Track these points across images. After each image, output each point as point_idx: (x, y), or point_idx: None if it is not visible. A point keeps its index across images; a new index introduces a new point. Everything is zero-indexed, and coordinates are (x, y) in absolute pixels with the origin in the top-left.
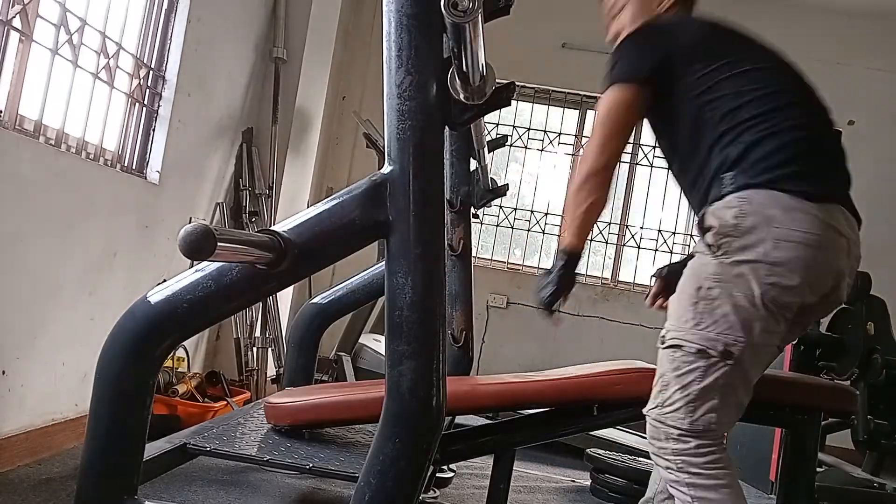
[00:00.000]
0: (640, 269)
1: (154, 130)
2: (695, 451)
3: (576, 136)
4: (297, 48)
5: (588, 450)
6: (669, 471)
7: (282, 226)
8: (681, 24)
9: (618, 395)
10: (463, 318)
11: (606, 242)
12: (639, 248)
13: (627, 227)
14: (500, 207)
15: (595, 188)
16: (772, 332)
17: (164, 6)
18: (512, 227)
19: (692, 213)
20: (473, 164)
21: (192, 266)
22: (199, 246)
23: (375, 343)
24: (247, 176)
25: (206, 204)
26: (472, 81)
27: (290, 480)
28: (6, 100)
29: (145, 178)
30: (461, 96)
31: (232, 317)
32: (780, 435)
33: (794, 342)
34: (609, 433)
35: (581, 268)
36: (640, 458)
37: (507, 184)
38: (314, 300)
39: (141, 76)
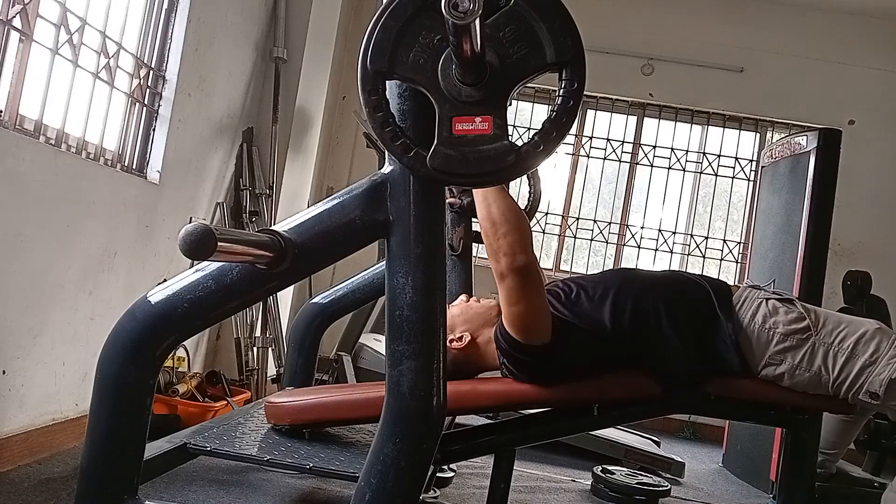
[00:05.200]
0: (640, 268)
1: (154, 130)
2: None
3: (576, 135)
4: (297, 48)
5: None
6: None
7: (282, 226)
8: None
9: (618, 395)
10: None
11: (607, 242)
12: (639, 247)
13: (628, 226)
14: None
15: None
16: None
17: (165, 6)
18: None
19: (692, 213)
20: None
21: (192, 266)
22: (199, 246)
23: (376, 343)
24: (247, 176)
25: (207, 203)
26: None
27: (290, 480)
28: (6, 99)
29: (145, 178)
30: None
31: (232, 316)
32: (780, 435)
33: None
34: (609, 433)
35: (582, 268)
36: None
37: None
38: (314, 300)
39: (141, 76)
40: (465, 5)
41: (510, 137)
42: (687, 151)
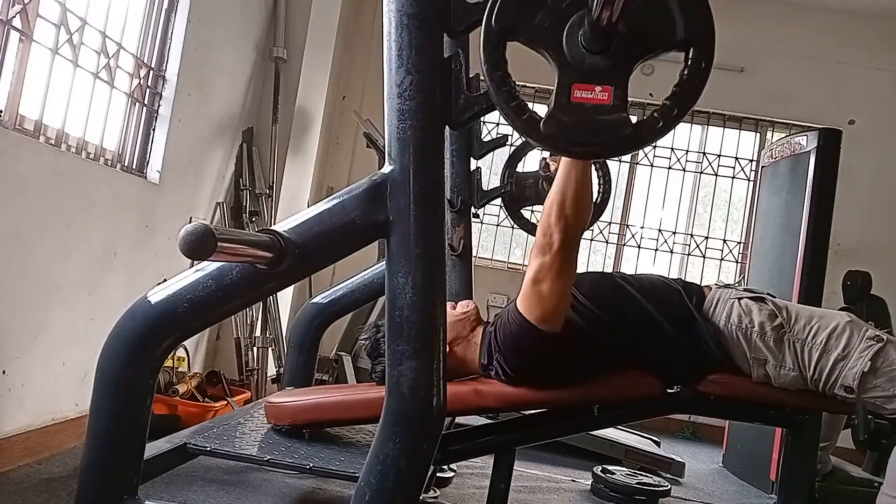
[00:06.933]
0: (641, 268)
1: (154, 130)
2: None
3: None
4: (297, 48)
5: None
6: None
7: (282, 225)
8: None
9: (618, 395)
10: None
11: (607, 242)
12: (639, 247)
13: (628, 226)
14: (501, 207)
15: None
16: None
17: (165, 6)
18: (512, 227)
19: (692, 213)
20: (473, 164)
21: (192, 266)
22: (199, 246)
23: None
24: (247, 175)
25: (207, 203)
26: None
27: (290, 480)
28: (6, 99)
29: (145, 178)
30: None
31: (232, 316)
32: (780, 435)
33: None
34: (609, 433)
35: (582, 268)
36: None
37: (510, 182)
38: (314, 300)
39: (141, 76)
40: None
41: (628, 111)
42: (687, 151)
